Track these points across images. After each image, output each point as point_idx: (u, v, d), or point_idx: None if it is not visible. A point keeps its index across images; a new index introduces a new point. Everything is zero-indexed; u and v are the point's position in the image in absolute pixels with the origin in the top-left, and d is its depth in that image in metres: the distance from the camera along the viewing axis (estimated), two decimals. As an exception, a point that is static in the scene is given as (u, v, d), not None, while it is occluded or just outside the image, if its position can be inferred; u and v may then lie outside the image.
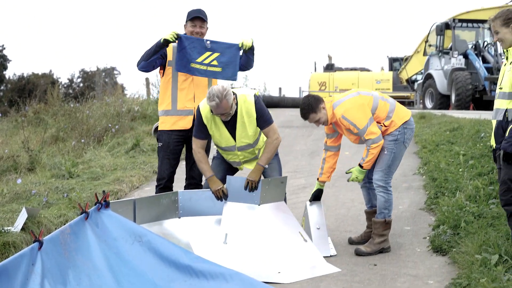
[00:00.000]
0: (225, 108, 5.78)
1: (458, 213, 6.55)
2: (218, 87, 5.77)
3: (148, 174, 10.48)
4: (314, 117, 6.19)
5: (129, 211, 5.47)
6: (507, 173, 5.00)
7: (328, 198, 8.52)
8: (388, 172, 6.26)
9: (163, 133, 6.57)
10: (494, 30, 5.23)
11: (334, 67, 31.60)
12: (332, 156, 6.50)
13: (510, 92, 5.06)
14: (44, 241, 4.03)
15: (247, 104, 5.96)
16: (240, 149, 6.17)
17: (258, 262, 5.59)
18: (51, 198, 8.09)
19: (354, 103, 6.14)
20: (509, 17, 5.14)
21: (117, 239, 4.62)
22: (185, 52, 6.35)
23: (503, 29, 5.16)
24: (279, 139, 6.11)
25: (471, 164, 8.45)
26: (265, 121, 6.03)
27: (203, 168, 6.13)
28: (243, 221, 5.95)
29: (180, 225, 5.93)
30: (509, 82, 5.06)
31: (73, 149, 12.64)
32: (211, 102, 5.73)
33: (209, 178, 6.10)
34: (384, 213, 6.27)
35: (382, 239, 6.24)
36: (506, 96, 5.09)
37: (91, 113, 15.05)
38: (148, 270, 4.57)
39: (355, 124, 6.07)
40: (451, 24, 23.10)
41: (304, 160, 11.90)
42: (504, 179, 5.03)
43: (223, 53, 6.42)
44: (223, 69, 6.45)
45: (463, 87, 21.08)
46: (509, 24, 5.13)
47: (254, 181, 6.02)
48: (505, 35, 5.16)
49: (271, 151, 6.07)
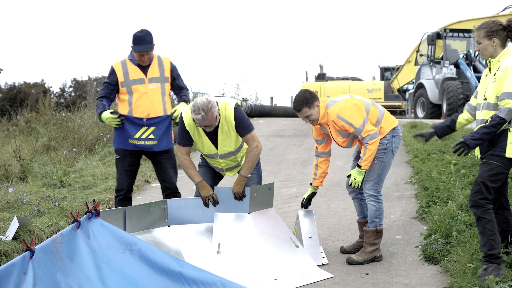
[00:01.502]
0: (211, 120, 5.81)
1: (449, 222, 6.57)
2: (203, 99, 5.80)
3: (140, 183, 10.47)
4: (307, 111, 6.16)
5: (119, 220, 5.46)
6: (482, 175, 5.09)
7: (320, 207, 8.53)
8: (379, 181, 6.28)
9: (120, 150, 6.73)
10: (477, 40, 5.28)
11: (325, 77, 31.65)
12: (324, 162, 6.53)
13: (495, 103, 5.10)
14: (35, 250, 4.02)
15: (227, 112, 5.98)
16: (222, 156, 6.19)
17: (253, 270, 5.59)
18: (43, 207, 8.06)
19: (348, 103, 6.16)
20: (493, 30, 5.18)
21: (108, 248, 4.61)
22: (124, 129, 6.56)
23: (485, 40, 5.21)
24: (259, 146, 6.10)
25: (463, 173, 8.48)
26: (244, 128, 6.02)
27: (191, 174, 6.16)
28: (235, 230, 5.95)
29: (169, 234, 5.92)
30: (495, 94, 5.10)
31: (65, 158, 12.61)
32: (197, 115, 5.75)
33: (198, 184, 6.13)
34: (375, 222, 6.28)
35: (373, 248, 6.25)
36: (491, 107, 5.13)
37: (83, 122, 15.01)
38: (140, 278, 4.55)
39: (351, 123, 6.07)
40: (442, 34, 23.19)
41: (296, 169, 11.90)
42: (477, 180, 5.11)
43: (158, 127, 6.58)
44: (159, 141, 6.60)
45: (454, 96, 21.13)
46: (491, 37, 5.18)
47: (239, 192, 6.07)
48: (486, 46, 5.22)
49: (252, 160, 6.08)
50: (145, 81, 6.57)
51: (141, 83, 6.56)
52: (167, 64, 6.71)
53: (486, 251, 5.07)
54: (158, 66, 6.65)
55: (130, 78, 6.56)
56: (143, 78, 6.57)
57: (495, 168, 5.07)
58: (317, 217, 7.47)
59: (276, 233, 6.06)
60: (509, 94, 4.98)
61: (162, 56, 6.75)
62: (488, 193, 5.08)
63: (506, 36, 5.20)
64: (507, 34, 5.19)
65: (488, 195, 5.08)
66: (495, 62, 5.21)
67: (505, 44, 5.23)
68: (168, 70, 6.70)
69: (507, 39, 5.22)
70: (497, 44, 5.19)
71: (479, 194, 5.07)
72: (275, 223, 6.19)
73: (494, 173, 5.07)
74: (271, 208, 6.32)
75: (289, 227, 6.43)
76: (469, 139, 5.03)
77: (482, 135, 5.01)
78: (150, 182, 10.83)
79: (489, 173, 5.08)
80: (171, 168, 6.74)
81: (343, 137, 6.24)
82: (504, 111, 4.96)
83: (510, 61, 5.10)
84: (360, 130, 6.08)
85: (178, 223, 6.03)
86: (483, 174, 5.10)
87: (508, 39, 5.22)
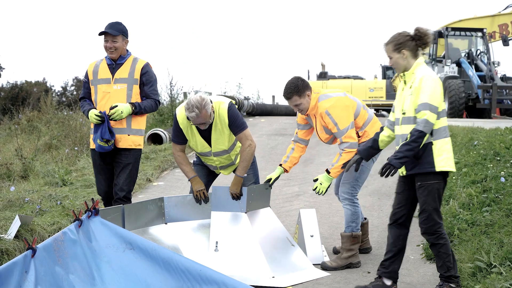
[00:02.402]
0: (204, 118, 5.78)
1: (451, 220, 6.57)
2: (196, 97, 5.76)
3: (142, 181, 10.47)
4: (296, 100, 6.03)
5: (118, 218, 5.47)
6: (426, 201, 4.97)
7: (321, 206, 8.53)
8: (355, 185, 6.16)
9: (91, 151, 6.60)
10: (387, 55, 5.16)
11: (327, 75, 31.60)
12: (299, 149, 6.42)
13: (414, 116, 4.97)
14: (37, 249, 4.02)
15: (221, 110, 5.95)
16: (215, 154, 6.18)
17: (251, 268, 5.61)
18: (44, 206, 8.06)
19: (340, 102, 6.04)
20: (400, 42, 5.05)
21: (108, 247, 4.60)
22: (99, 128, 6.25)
23: (395, 54, 5.09)
24: (252, 145, 6.04)
25: (465, 172, 8.47)
26: (237, 127, 5.99)
27: (184, 170, 6.17)
28: (232, 229, 5.97)
29: (167, 231, 5.94)
30: (413, 107, 4.98)
31: (67, 156, 12.62)
32: (191, 113, 5.74)
33: (191, 179, 6.13)
34: (352, 226, 6.15)
35: (349, 254, 6.10)
36: (411, 121, 4.99)
37: (84, 121, 15.02)
38: (141, 276, 4.55)
39: (337, 123, 5.96)
40: (444, 33, 23.17)
41: (298, 168, 11.89)
42: (424, 207, 4.99)
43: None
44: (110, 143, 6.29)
45: (456, 95, 21.11)
46: (400, 50, 5.05)
47: (236, 192, 6.05)
48: (397, 60, 5.09)
49: (246, 160, 6.05)
50: (111, 81, 6.32)
51: (107, 83, 6.33)
52: (139, 66, 6.37)
53: (443, 273, 5.03)
54: (129, 67, 6.36)
55: (98, 77, 6.37)
56: (109, 78, 6.33)
57: (432, 188, 4.97)
58: (319, 215, 7.47)
59: (272, 232, 6.08)
60: (425, 105, 4.86)
61: (139, 59, 6.46)
62: (438, 217, 5.00)
63: (415, 45, 5.06)
64: (416, 44, 5.06)
65: (439, 219, 5.00)
66: (409, 74, 5.07)
67: (417, 54, 5.09)
68: (139, 72, 6.34)
69: (417, 48, 5.08)
70: (407, 55, 5.06)
71: (430, 221, 4.99)
72: (272, 222, 6.19)
73: (434, 193, 4.98)
74: (267, 208, 6.31)
75: (291, 226, 6.44)
76: (393, 160, 4.89)
77: (405, 152, 4.86)
78: (152, 181, 10.84)
79: (430, 196, 4.97)
80: (124, 172, 6.37)
81: (327, 133, 6.15)
82: (422, 124, 4.84)
83: (424, 71, 4.99)
84: (343, 133, 5.95)
85: (175, 221, 6.04)
86: (426, 200, 4.98)
87: (418, 48, 5.09)
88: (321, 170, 11.57)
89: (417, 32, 5.05)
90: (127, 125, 6.34)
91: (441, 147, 4.96)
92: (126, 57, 6.41)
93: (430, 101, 4.86)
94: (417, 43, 5.07)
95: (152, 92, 6.41)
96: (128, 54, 6.44)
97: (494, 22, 24.77)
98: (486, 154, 8.95)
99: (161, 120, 16.60)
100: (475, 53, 23.13)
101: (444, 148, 4.97)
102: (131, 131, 6.36)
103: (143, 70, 6.35)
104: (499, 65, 23.04)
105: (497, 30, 24.31)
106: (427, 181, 4.97)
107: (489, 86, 21.10)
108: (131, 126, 6.36)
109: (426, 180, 4.98)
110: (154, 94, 6.42)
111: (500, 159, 8.50)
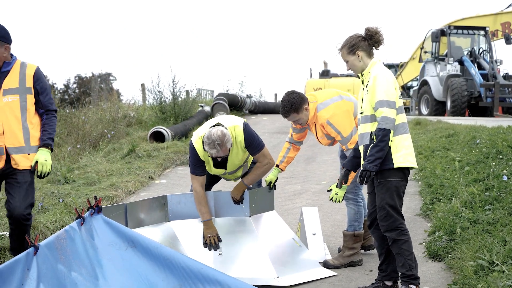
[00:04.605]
0: (225, 152, 5.68)
1: (453, 219, 6.56)
2: (218, 132, 5.57)
3: (144, 179, 10.48)
4: (295, 116, 5.98)
5: (121, 216, 5.47)
6: (384, 198, 4.96)
7: (324, 204, 8.52)
8: (358, 184, 6.10)
9: None
10: (343, 60, 5.17)
11: (329, 73, 31.54)
12: (296, 149, 6.40)
13: (372, 114, 4.99)
14: (39, 246, 4.03)
15: (237, 134, 5.82)
16: (230, 173, 6.13)
17: (255, 268, 5.60)
18: (47, 203, 8.08)
19: (339, 109, 5.98)
20: (353, 44, 5.08)
21: (111, 245, 4.61)
22: None
23: (350, 57, 5.11)
24: (271, 163, 5.99)
25: (467, 170, 8.46)
26: (255, 148, 5.90)
27: (201, 210, 5.92)
28: (237, 232, 5.95)
29: (170, 229, 5.94)
30: (370, 106, 4.99)
31: (69, 154, 12.63)
32: (211, 149, 5.60)
33: (205, 222, 5.93)
34: (354, 225, 6.16)
35: (352, 252, 6.12)
36: (368, 120, 5.02)
37: (87, 118, 15.05)
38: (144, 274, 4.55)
39: (340, 131, 5.91)
40: (447, 31, 23.12)
41: (300, 166, 11.91)
42: (381, 204, 4.98)
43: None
44: None
45: (458, 93, 21.08)
46: (354, 51, 5.08)
47: (237, 197, 5.98)
48: (353, 62, 5.11)
49: (258, 174, 6.00)
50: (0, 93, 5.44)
51: None
52: (30, 72, 5.50)
53: (405, 272, 4.99)
54: (18, 75, 5.47)
55: None
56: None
57: (390, 185, 4.96)
58: (321, 214, 7.45)
59: (277, 235, 6.04)
60: (382, 102, 4.87)
61: (28, 63, 5.58)
62: (398, 214, 4.98)
63: (368, 45, 5.09)
64: (368, 43, 5.08)
65: (398, 216, 4.98)
66: (366, 74, 5.10)
67: (371, 53, 5.12)
68: (31, 79, 5.49)
69: (371, 48, 5.11)
70: (362, 56, 5.08)
71: (389, 218, 4.96)
72: (277, 225, 6.15)
73: (393, 190, 4.96)
74: (272, 211, 6.26)
75: (293, 224, 6.43)
76: (367, 165, 4.87)
77: (376, 154, 4.85)
78: (154, 179, 10.84)
79: (388, 193, 4.96)
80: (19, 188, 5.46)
81: (328, 139, 6.13)
82: (382, 122, 4.84)
83: (378, 69, 5.01)
84: (348, 139, 5.90)
85: (178, 218, 6.03)
86: (384, 197, 4.97)
87: (372, 47, 5.11)
88: (323, 168, 11.60)
89: (367, 31, 5.10)
90: (26, 143, 5.48)
91: (399, 144, 4.96)
92: (12, 62, 5.50)
93: (386, 97, 4.90)
94: (370, 42, 5.10)
95: (50, 102, 5.63)
96: (14, 59, 5.52)
97: (497, 20, 24.72)
98: (489, 153, 8.94)
99: (163, 118, 16.58)
100: (477, 52, 23.10)
101: (402, 144, 4.97)
102: (30, 149, 5.50)
103: (35, 77, 5.53)
104: (502, 63, 23.02)
105: (500, 29, 24.27)
106: (385, 178, 4.97)
107: (492, 85, 21.07)
108: (30, 143, 5.50)
109: (384, 177, 4.98)
110: (51, 104, 5.65)
111: (502, 158, 8.49)
